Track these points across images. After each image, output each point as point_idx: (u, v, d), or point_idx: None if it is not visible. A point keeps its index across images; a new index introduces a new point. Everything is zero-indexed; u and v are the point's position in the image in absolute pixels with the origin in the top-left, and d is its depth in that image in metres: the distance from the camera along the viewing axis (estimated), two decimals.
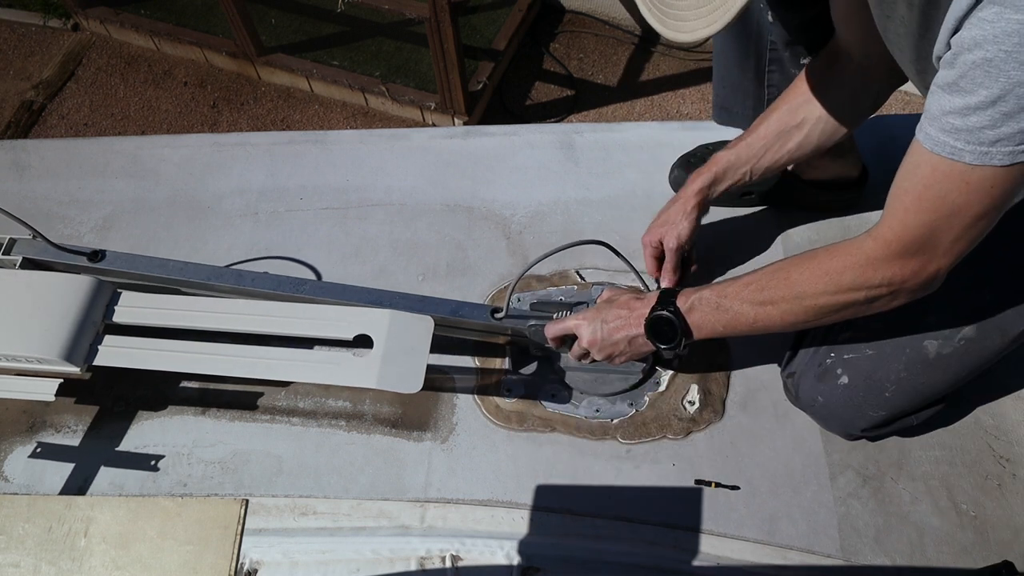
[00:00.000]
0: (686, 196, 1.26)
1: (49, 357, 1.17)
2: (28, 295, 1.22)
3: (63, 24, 3.49)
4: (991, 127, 0.74)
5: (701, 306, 1.08)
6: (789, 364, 1.25)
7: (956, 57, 0.74)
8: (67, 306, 1.20)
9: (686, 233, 1.26)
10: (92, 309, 1.22)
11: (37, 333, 1.18)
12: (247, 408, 1.35)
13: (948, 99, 0.77)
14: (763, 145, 1.21)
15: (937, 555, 1.16)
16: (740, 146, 1.23)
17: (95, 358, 1.21)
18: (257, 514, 1.24)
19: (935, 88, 0.79)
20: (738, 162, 1.23)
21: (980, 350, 1.08)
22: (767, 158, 1.22)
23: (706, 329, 1.09)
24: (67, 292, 1.22)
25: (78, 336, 1.19)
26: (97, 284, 1.24)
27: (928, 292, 0.94)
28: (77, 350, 1.19)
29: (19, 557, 0.82)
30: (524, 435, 1.29)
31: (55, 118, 3.22)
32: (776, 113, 1.20)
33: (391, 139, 1.71)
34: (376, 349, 1.17)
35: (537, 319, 1.24)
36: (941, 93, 0.78)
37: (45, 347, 1.17)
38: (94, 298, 1.23)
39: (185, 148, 1.73)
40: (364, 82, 3.04)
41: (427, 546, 1.20)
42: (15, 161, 1.72)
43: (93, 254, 1.29)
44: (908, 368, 1.11)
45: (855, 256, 0.94)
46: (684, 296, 1.09)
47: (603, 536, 1.19)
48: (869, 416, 1.16)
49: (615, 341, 1.15)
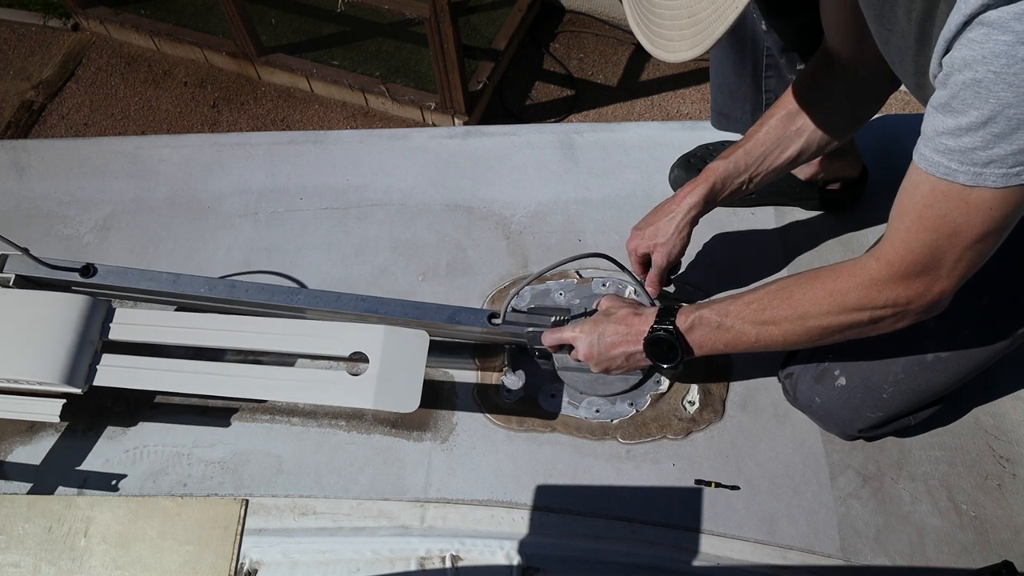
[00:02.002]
0: (679, 211, 1.21)
1: (50, 380, 1.18)
2: (23, 315, 1.21)
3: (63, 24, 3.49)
4: (983, 148, 0.74)
5: (702, 325, 1.07)
6: (787, 365, 1.25)
7: (948, 77, 0.74)
8: (64, 327, 1.20)
9: (676, 252, 1.24)
10: (89, 328, 1.22)
11: (36, 356, 1.19)
12: (247, 408, 1.35)
13: (941, 119, 0.77)
14: (762, 153, 1.19)
15: (937, 555, 1.16)
16: (738, 154, 1.20)
17: (95, 378, 1.22)
18: (257, 514, 1.24)
19: (930, 108, 0.79)
20: (736, 171, 1.20)
21: (978, 352, 1.08)
22: (766, 165, 1.20)
23: (707, 348, 1.09)
24: (62, 312, 1.22)
25: (77, 357, 1.20)
26: (92, 303, 1.24)
27: (933, 314, 0.93)
28: (77, 372, 1.20)
29: (19, 557, 0.82)
30: (524, 435, 1.29)
31: (55, 118, 3.22)
32: (773, 119, 1.18)
33: (391, 139, 1.71)
34: (371, 367, 1.17)
35: (535, 326, 1.24)
36: (935, 113, 0.78)
37: (45, 371, 1.18)
38: (90, 317, 1.23)
39: (185, 148, 1.73)
40: (364, 82, 3.04)
41: (427, 546, 1.20)
42: (15, 161, 1.72)
43: (84, 269, 1.28)
44: (906, 370, 1.11)
45: (859, 277, 0.93)
46: (684, 315, 1.08)
47: (603, 536, 1.19)
48: (867, 417, 1.16)
49: (612, 356, 1.15)
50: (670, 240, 1.23)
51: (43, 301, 1.24)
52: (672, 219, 1.22)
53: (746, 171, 1.20)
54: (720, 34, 0.72)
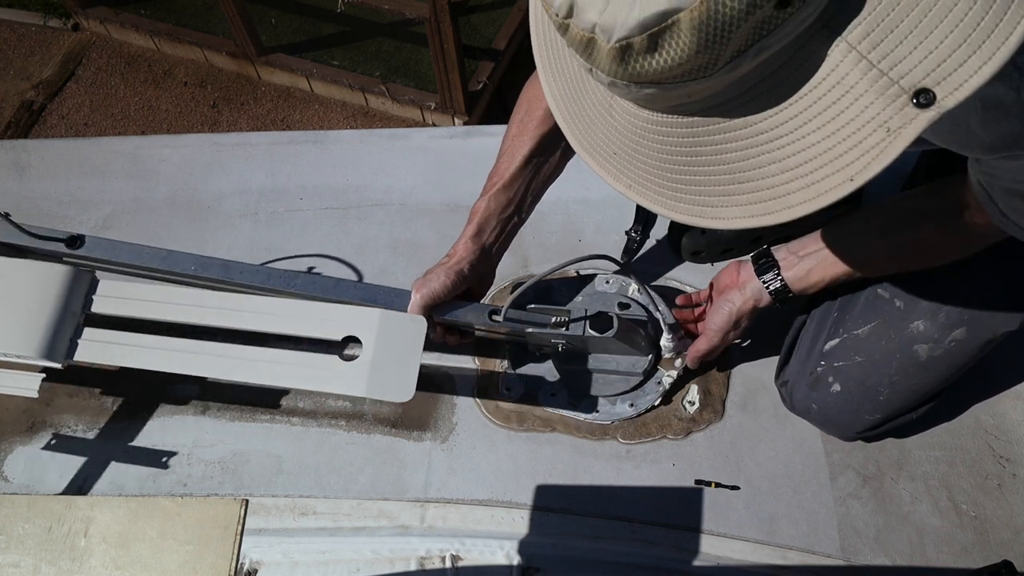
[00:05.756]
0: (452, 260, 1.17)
1: (28, 354, 1.12)
2: (2, 284, 1.15)
3: (63, 24, 3.49)
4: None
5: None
6: (781, 373, 1.24)
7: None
8: (43, 297, 1.14)
9: (437, 288, 1.16)
10: (71, 300, 1.16)
11: (13, 327, 1.13)
12: (247, 408, 1.35)
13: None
14: (520, 184, 1.15)
15: (937, 555, 1.16)
16: (496, 191, 1.16)
17: (76, 353, 1.16)
18: (257, 514, 1.24)
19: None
20: (498, 209, 1.16)
21: (971, 349, 1.08)
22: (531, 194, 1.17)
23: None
24: (42, 281, 1.15)
25: (57, 330, 1.14)
26: (74, 273, 1.18)
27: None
28: (57, 346, 1.14)
29: (19, 557, 0.82)
30: (524, 435, 1.29)
31: (55, 118, 3.22)
32: (522, 147, 1.14)
33: (391, 139, 1.71)
34: (365, 353, 1.12)
35: (535, 324, 1.24)
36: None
37: (22, 343, 1.12)
38: (72, 288, 1.17)
39: (185, 148, 1.73)
40: (364, 82, 3.05)
41: (427, 546, 1.20)
42: (15, 161, 1.72)
43: (71, 240, 1.22)
44: (900, 372, 1.11)
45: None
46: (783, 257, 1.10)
47: (603, 536, 1.19)
48: (866, 419, 1.16)
49: (746, 312, 1.14)
50: (430, 280, 1.16)
51: (21, 269, 1.17)
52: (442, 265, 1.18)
53: (510, 206, 1.17)
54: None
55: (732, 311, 1.14)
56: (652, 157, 0.63)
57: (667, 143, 0.61)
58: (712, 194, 0.61)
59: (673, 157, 0.61)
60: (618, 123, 0.64)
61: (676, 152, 0.61)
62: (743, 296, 1.13)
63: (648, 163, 0.63)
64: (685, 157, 0.61)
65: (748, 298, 1.12)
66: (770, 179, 0.58)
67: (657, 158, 0.62)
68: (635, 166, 0.64)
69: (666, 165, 0.62)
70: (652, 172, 0.63)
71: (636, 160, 0.64)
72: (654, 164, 0.63)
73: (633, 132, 0.63)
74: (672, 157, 0.61)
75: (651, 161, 0.63)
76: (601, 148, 0.67)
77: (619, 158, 0.65)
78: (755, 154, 0.58)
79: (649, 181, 0.64)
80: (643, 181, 0.65)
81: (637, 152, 0.64)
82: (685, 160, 0.61)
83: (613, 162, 0.66)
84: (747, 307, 1.13)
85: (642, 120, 0.61)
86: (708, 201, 0.61)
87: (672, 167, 0.62)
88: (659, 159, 0.62)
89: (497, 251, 1.20)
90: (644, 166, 0.64)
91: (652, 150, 0.62)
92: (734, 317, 1.15)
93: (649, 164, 0.63)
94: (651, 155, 0.63)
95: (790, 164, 0.57)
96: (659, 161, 0.62)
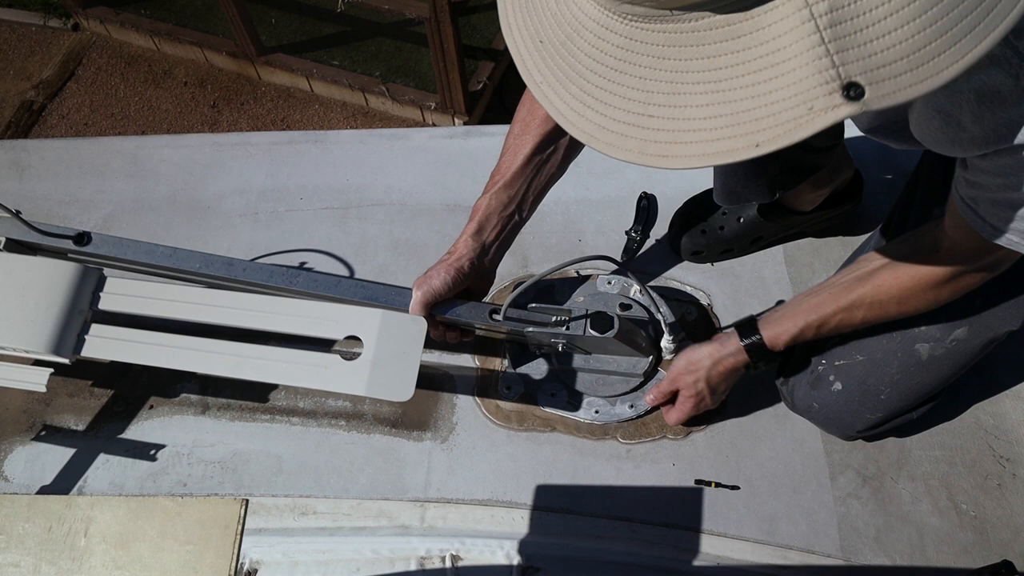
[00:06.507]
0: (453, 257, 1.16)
1: (36, 349, 1.14)
2: (11, 281, 1.17)
3: (63, 24, 3.49)
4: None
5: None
6: (782, 372, 1.24)
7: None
8: (52, 294, 1.17)
9: (437, 285, 1.14)
10: (79, 297, 1.18)
11: (22, 322, 1.15)
12: (247, 408, 1.35)
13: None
14: (522, 183, 1.15)
15: (937, 555, 1.16)
16: (498, 189, 1.15)
17: (83, 348, 1.18)
18: (257, 514, 1.24)
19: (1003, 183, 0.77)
20: (499, 207, 1.16)
21: (972, 347, 1.08)
22: (531, 193, 1.17)
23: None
24: (51, 278, 1.18)
25: (65, 326, 1.16)
26: (82, 270, 1.20)
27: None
28: (65, 341, 1.16)
29: (19, 557, 0.82)
30: (524, 435, 1.29)
31: (55, 118, 3.23)
32: (524, 146, 1.13)
33: (391, 139, 1.71)
34: (366, 353, 1.14)
35: (535, 324, 1.24)
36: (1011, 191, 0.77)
37: (31, 339, 1.14)
38: (80, 285, 1.19)
39: (185, 148, 1.73)
40: (364, 82, 3.05)
41: (427, 546, 1.20)
42: (15, 161, 1.72)
43: (79, 237, 1.23)
44: (901, 371, 1.11)
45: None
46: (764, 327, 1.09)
47: (603, 536, 1.19)
48: (867, 418, 1.16)
49: (724, 375, 1.15)
50: (431, 278, 1.15)
51: (31, 266, 1.19)
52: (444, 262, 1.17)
53: (512, 203, 1.16)
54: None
55: (700, 373, 1.15)
56: (578, 57, 0.58)
57: (600, 44, 0.56)
58: (616, 117, 0.57)
59: (596, 64, 0.57)
60: (561, 10, 0.59)
61: (603, 59, 0.57)
62: (714, 358, 1.13)
63: (569, 61, 0.59)
64: (610, 69, 0.56)
65: (720, 358, 1.13)
66: (678, 121, 0.54)
67: (583, 60, 0.58)
68: (555, 61, 0.60)
69: (586, 71, 0.58)
70: (568, 74, 0.59)
71: (559, 55, 0.60)
72: (574, 64, 0.58)
73: (571, 24, 0.58)
74: (596, 64, 0.57)
75: (573, 61, 0.58)
76: (529, 31, 0.62)
77: (545, 47, 0.61)
78: (680, 90, 0.54)
79: (559, 83, 0.60)
80: (553, 82, 0.60)
81: (565, 46, 0.59)
82: (608, 71, 0.57)
83: (532, 49, 0.62)
84: (719, 368, 1.14)
85: (585, 15, 0.57)
86: (608, 124, 0.57)
87: (591, 74, 0.58)
88: (584, 62, 0.58)
89: (498, 249, 1.20)
90: (564, 64, 0.59)
91: (582, 49, 0.58)
92: (702, 376, 1.15)
93: (569, 63, 0.59)
94: (578, 54, 0.58)
95: (703, 113, 0.53)
96: (583, 66, 0.58)
